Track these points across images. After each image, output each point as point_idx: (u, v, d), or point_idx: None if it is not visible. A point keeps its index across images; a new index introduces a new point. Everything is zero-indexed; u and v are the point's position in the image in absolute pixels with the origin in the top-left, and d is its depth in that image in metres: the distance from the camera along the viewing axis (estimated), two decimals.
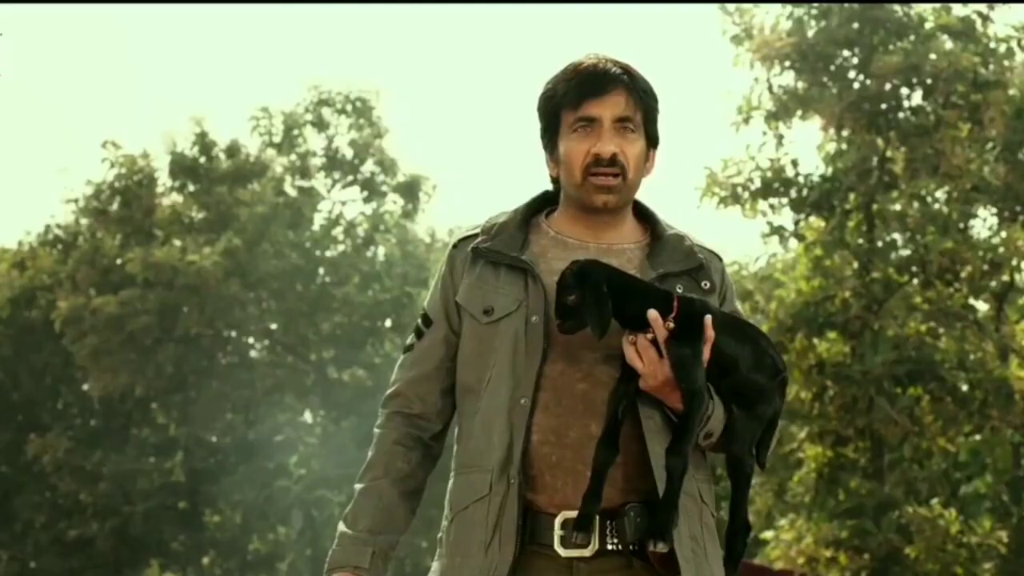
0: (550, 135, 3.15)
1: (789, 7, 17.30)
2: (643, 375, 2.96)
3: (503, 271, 3.12)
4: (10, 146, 61.96)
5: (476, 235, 3.19)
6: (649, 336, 2.95)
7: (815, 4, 17.22)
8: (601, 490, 2.95)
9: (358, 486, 3.17)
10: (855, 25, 17.07)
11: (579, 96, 3.08)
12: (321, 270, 29.57)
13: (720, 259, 3.23)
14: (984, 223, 18.39)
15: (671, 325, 2.95)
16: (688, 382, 2.93)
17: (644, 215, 3.23)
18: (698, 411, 2.95)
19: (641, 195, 3.21)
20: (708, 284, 3.14)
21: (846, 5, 17.04)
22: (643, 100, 3.11)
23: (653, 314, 2.94)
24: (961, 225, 17.46)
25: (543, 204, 3.24)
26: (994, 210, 18.29)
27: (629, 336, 2.97)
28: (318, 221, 29.98)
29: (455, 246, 3.22)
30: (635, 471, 3.01)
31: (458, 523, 3.06)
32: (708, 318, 2.97)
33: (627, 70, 3.13)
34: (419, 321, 3.23)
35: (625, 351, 2.97)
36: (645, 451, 2.99)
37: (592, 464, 2.95)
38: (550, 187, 3.25)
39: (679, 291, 3.05)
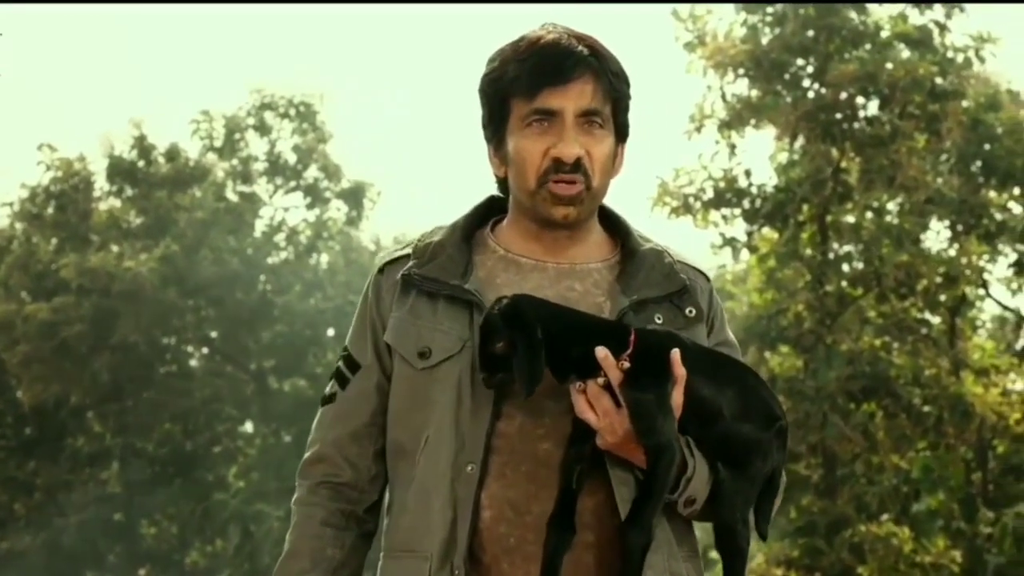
0: (495, 126, 2.52)
1: (743, 14, 16.98)
2: (599, 430, 2.35)
3: (442, 303, 2.48)
4: None
5: (406, 257, 2.55)
6: (600, 381, 2.35)
7: (769, 11, 16.88)
8: None
9: None
10: (810, 33, 16.75)
11: (535, 83, 2.45)
12: (262, 278, 29.03)
13: (707, 278, 2.61)
14: (937, 236, 18.18)
15: (626, 365, 2.35)
16: (649, 435, 2.34)
17: (613, 224, 2.60)
18: (664, 470, 2.35)
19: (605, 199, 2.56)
20: (693, 311, 2.52)
21: (801, 11, 16.71)
22: (613, 87, 2.50)
23: (602, 352, 2.34)
24: (915, 238, 17.22)
25: (488, 213, 2.61)
26: (947, 223, 18.07)
27: (578, 384, 2.38)
28: (260, 227, 29.41)
29: (380, 271, 2.57)
30: (613, 553, 2.39)
31: None
32: (675, 353, 2.37)
33: (595, 49, 2.50)
34: (340, 364, 2.57)
35: (574, 402, 2.37)
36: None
37: (543, 549, 2.36)
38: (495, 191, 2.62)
39: (657, 321, 2.46)
